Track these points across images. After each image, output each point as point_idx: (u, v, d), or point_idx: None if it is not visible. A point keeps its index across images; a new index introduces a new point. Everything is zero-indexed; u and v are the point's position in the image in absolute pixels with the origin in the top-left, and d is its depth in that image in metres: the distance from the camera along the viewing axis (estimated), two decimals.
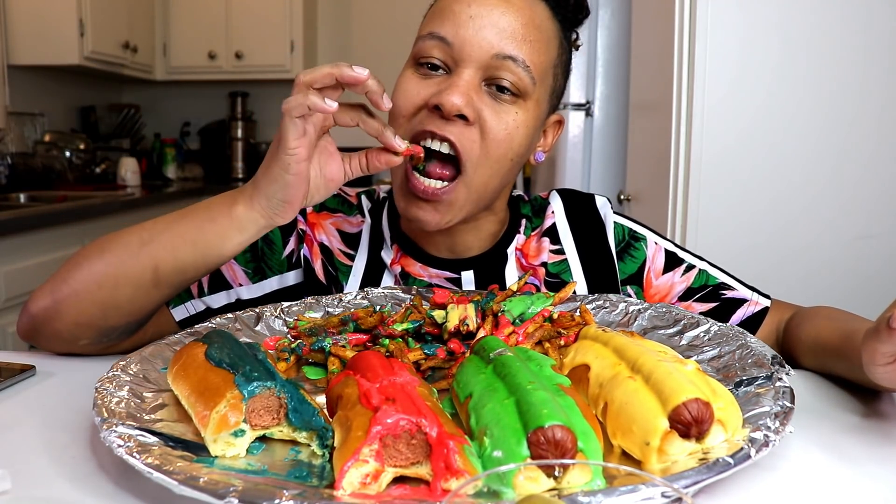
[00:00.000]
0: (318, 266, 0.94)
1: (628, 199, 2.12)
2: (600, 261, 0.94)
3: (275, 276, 0.94)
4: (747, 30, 1.60)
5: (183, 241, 0.75)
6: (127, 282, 0.76)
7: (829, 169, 1.61)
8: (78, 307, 0.78)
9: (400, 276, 0.93)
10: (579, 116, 2.39)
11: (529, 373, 0.55)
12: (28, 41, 3.25)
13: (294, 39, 4.03)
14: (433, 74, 0.82)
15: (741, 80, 1.62)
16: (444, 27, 0.81)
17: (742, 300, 0.92)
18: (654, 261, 0.94)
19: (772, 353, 0.67)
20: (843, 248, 1.63)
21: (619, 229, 0.96)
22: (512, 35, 0.80)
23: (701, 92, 1.63)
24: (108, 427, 0.53)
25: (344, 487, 0.47)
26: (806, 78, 1.59)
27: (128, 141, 4.14)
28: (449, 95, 0.78)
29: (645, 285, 0.94)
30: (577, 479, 0.45)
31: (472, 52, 0.80)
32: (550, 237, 0.94)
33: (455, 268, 0.93)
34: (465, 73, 0.80)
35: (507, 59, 0.80)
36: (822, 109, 1.60)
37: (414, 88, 0.82)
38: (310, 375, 0.73)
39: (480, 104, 0.80)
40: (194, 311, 0.92)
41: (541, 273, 0.92)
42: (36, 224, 2.48)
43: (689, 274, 0.93)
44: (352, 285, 0.93)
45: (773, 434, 0.51)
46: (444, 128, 0.80)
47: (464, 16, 0.80)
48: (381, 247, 0.95)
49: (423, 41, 0.82)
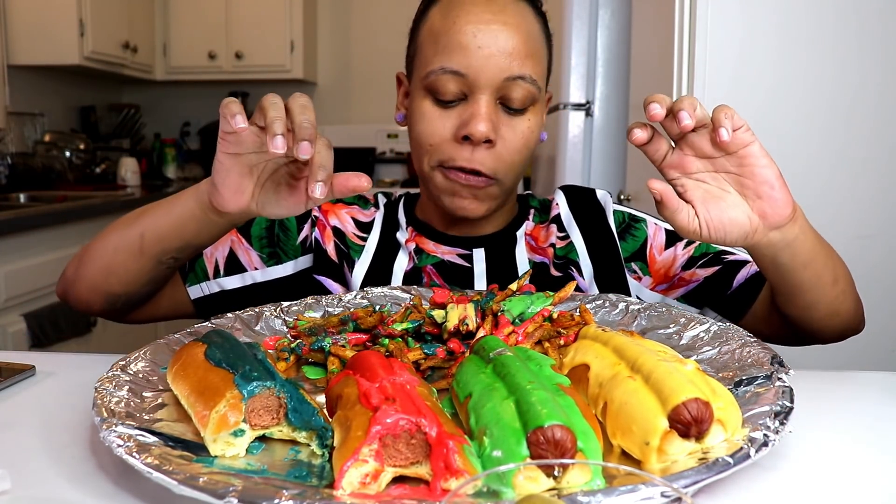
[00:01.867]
0: (331, 247, 0.98)
1: (628, 198, 2.12)
2: (603, 242, 0.99)
3: (290, 261, 0.99)
4: (747, 30, 1.60)
5: (162, 211, 0.82)
6: (122, 248, 0.84)
7: (829, 169, 1.61)
8: (90, 272, 0.87)
9: (414, 252, 0.98)
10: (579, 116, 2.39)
11: (529, 372, 0.55)
12: (28, 41, 3.25)
13: (294, 39, 4.03)
14: (451, 105, 0.89)
15: (741, 79, 1.62)
16: (455, 60, 0.87)
17: (744, 261, 0.95)
18: (656, 238, 0.99)
19: (772, 353, 0.67)
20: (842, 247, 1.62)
21: (618, 214, 1.01)
22: (516, 54, 0.87)
23: (701, 92, 1.63)
24: (107, 427, 0.53)
25: (343, 487, 0.47)
26: (806, 78, 1.59)
27: (128, 141, 4.13)
28: (476, 125, 0.86)
29: (649, 261, 0.98)
30: (577, 479, 0.45)
31: (487, 80, 0.87)
32: (557, 225, 1.00)
33: (467, 245, 0.98)
34: (482, 100, 0.87)
35: (517, 79, 0.87)
36: (821, 109, 1.60)
37: (439, 121, 0.90)
38: (310, 375, 0.73)
39: (499, 123, 0.89)
40: (209, 292, 0.97)
41: (549, 253, 0.98)
42: (36, 224, 2.47)
43: (690, 246, 0.97)
44: (363, 263, 0.98)
45: (772, 434, 0.51)
46: (473, 160, 0.88)
47: (472, 47, 0.87)
48: (395, 230, 1.01)
49: (437, 76, 0.88)
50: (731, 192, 0.71)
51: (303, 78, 4.11)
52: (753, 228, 0.71)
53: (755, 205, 0.71)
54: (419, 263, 0.97)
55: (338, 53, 4.39)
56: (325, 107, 4.43)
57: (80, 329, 2.64)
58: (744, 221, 0.71)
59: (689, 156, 0.71)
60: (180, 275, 0.97)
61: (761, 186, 0.70)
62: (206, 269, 0.97)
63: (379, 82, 4.30)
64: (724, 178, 0.71)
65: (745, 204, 0.71)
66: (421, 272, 0.96)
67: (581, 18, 2.28)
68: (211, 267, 0.97)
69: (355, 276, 0.97)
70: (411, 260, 0.97)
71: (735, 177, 0.70)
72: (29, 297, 2.42)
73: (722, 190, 0.71)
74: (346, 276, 0.97)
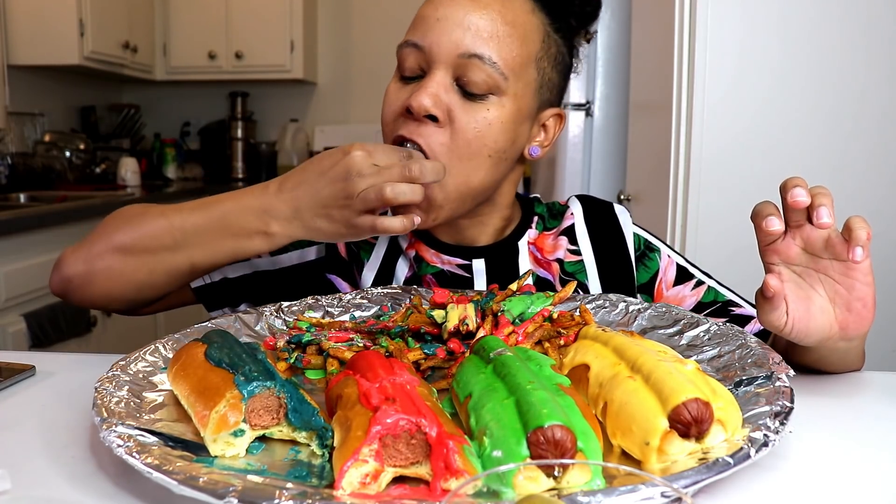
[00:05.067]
0: (342, 245, 0.97)
1: (628, 198, 2.12)
2: (618, 267, 0.95)
3: (295, 252, 0.97)
4: (747, 30, 1.60)
5: (220, 248, 0.82)
6: (163, 272, 0.84)
7: (829, 169, 1.61)
8: (112, 283, 0.85)
9: (414, 259, 0.95)
10: (579, 116, 2.39)
11: (529, 372, 0.55)
12: (28, 41, 3.25)
13: (294, 39, 4.03)
14: (411, 81, 0.85)
15: (741, 80, 1.62)
16: (416, 33, 0.84)
17: (749, 317, 0.93)
18: (667, 272, 0.96)
19: (772, 354, 0.67)
20: None
21: (636, 239, 0.97)
22: (478, 33, 0.82)
23: (701, 92, 1.63)
24: (107, 427, 0.53)
25: (343, 487, 0.47)
26: (806, 78, 1.59)
27: (128, 141, 4.13)
28: (417, 97, 0.81)
29: (655, 295, 0.96)
30: (577, 479, 0.45)
31: (441, 54, 0.82)
32: (568, 237, 0.95)
33: (467, 255, 0.95)
34: (436, 75, 0.82)
35: (473, 57, 0.81)
36: (822, 109, 1.60)
37: (394, 95, 0.86)
38: (310, 375, 0.73)
39: (451, 104, 0.82)
40: (210, 281, 0.95)
41: (555, 268, 0.94)
42: (36, 224, 2.47)
43: (699, 289, 0.95)
44: (372, 265, 0.96)
45: (772, 434, 0.51)
46: (414, 132, 0.82)
47: (432, 20, 0.83)
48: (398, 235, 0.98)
49: (401, 50, 0.86)
50: (821, 294, 0.68)
51: (303, 78, 4.11)
52: (829, 336, 0.68)
53: (840, 314, 0.67)
54: (419, 272, 0.95)
55: (338, 53, 4.39)
56: (325, 107, 4.43)
57: (80, 329, 2.64)
58: (825, 329, 0.67)
59: (796, 246, 0.68)
60: None
61: (855, 302, 0.67)
62: None
63: (379, 82, 4.29)
64: (819, 278, 0.68)
65: (832, 311, 0.67)
66: (421, 281, 0.95)
67: None
68: None
69: (364, 279, 0.95)
70: (411, 268, 0.95)
71: (832, 282, 0.67)
72: (29, 297, 2.42)
73: (812, 290, 0.68)
74: (356, 276, 0.96)
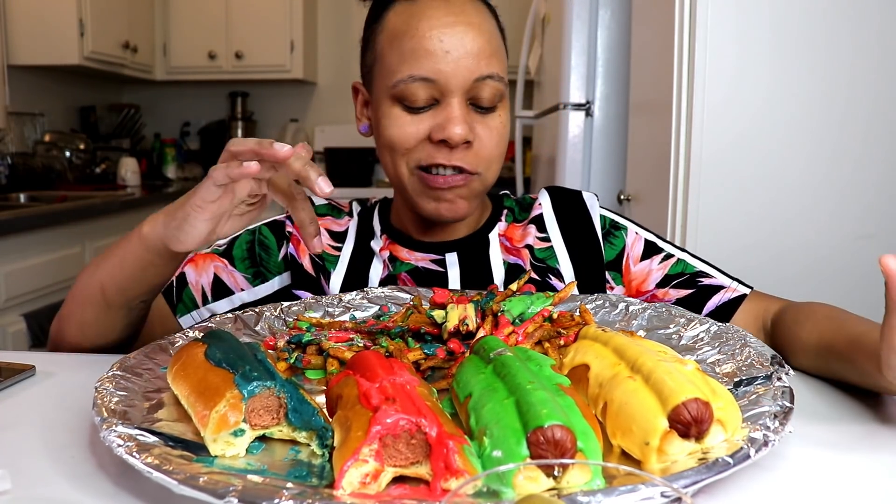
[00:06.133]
0: (307, 261, 0.98)
1: (628, 199, 2.12)
2: (586, 249, 0.98)
3: (275, 277, 0.99)
4: (747, 30, 1.60)
5: (115, 261, 0.80)
6: (88, 302, 0.82)
7: (829, 169, 1.61)
8: (69, 328, 0.85)
9: (388, 260, 0.97)
10: (579, 116, 2.39)
11: (529, 373, 0.55)
12: (28, 41, 3.25)
13: (294, 39, 4.03)
14: (422, 110, 0.88)
15: (741, 80, 1.62)
16: (424, 67, 0.86)
17: (719, 287, 0.94)
18: (633, 248, 0.98)
19: (771, 353, 0.67)
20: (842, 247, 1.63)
21: (602, 220, 1.01)
22: (483, 55, 0.87)
23: (701, 92, 1.63)
24: (107, 427, 0.53)
25: (343, 487, 0.47)
26: (805, 78, 1.59)
27: (128, 141, 4.13)
28: (453, 129, 0.86)
29: (623, 271, 0.98)
30: (577, 479, 0.45)
31: (457, 83, 0.87)
32: (537, 225, 0.99)
33: (440, 250, 0.98)
34: (454, 103, 0.87)
35: (486, 78, 0.87)
36: (821, 109, 1.60)
37: (411, 125, 0.88)
38: (310, 375, 0.73)
39: (472, 123, 0.88)
40: (199, 319, 0.96)
41: (525, 254, 0.97)
42: (36, 224, 2.48)
43: (666, 262, 0.97)
44: (339, 272, 0.97)
45: (772, 434, 0.51)
46: (451, 157, 0.88)
47: (440, 52, 0.86)
48: (370, 238, 1.00)
49: (406, 84, 0.87)
50: None
51: (303, 78, 4.11)
52: None
53: None
54: (394, 271, 0.97)
55: (338, 53, 4.39)
56: (325, 107, 4.43)
57: None
58: None
59: None
60: (169, 306, 0.96)
61: None
62: (194, 298, 0.97)
63: None
64: None
65: None
66: (396, 280, 0.96)
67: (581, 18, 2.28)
68: (198, 295, 0.97)
69: (332, 286, 0.97)
70: (386, 268, 0.97)
71: None
72: (29, 297, 2.42)
73: None
74: (324, 287, 0.97)
